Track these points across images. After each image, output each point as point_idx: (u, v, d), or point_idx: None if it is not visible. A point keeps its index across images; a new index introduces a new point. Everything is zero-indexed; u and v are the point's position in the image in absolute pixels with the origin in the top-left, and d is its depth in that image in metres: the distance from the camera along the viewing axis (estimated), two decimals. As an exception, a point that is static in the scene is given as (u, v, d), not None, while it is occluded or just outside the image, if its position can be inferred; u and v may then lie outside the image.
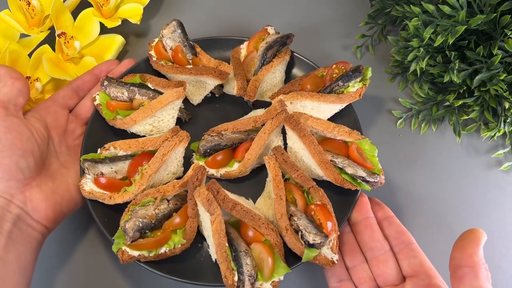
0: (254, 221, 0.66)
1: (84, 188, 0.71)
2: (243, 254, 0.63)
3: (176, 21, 0.85)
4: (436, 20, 0.73)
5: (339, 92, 0.78)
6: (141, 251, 0.66)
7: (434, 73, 0.82)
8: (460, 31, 0.71)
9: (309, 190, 0.70)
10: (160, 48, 0.85)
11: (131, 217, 0.67)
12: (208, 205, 0.64)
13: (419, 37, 0.77)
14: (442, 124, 0.88)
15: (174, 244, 0.67)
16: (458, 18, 0.71)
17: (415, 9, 0.76)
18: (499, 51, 0.73)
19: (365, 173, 0.70)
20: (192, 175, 0.70)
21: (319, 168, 0.72)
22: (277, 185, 0.69)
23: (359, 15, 0.99)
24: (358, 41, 0.96)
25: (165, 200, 0.70)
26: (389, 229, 0.70)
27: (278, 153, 0.73)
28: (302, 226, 0.66)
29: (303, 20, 1.00)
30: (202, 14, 1.01)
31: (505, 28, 0.72)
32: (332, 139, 0.75)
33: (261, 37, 0.85)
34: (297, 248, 0.66)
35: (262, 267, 0.64)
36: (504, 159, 0.85)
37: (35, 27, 0.88)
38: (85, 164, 0.71)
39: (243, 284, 0.62)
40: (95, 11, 0.89)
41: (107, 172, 0.72)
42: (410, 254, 0.67)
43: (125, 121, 0.76)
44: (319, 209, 0.68)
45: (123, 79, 0.81)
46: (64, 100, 0.78)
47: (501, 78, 0.73)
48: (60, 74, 0.83)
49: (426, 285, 0.63)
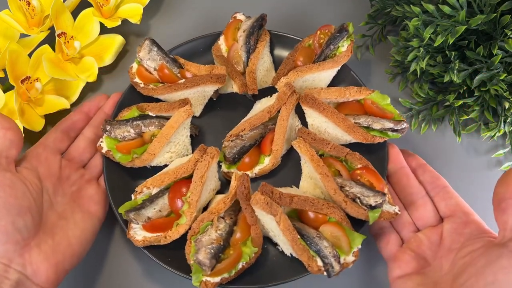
0: (315, 205, 0.68)
1: (137, 239, 0.68)
2: (317, 239, 0.65)
3: (148, 39, 0.81)
4: (436, 20, 0.73)
5: (332, 56, 0.80)
6: (222, 275, 0.65)
7: (434, 73, 0.82)
8: (460, 31, 0.71)
9: (346, 157, 0.73)
10: (143, 72, 0.81)
11: (198, 247, 0.66)
12: (269, 207, 0.64)
13: (419, 37, 0.77)
14: (442, 124, 0.88)
15: (249, 256, 0.67)
16: (458, 18, 0.71)
17: (415, 9, 0.76)
18: (499, 51, 0.73)
19: (391, 123, 0.73)
20: (238, 186, 0.69)
21: (346, 134, 0.74)
22: (317, 164, 0.70)
23: (359, 15, 0.98)
24: (358, 41, 0.96)
25: (221, 219, 0.69)
26: (424, 175, 0.74)
27: (305, 134, 0.74)
28: (357, 193, 0.68)
29: (303, 20, 1.00)
30: (202, 14, 1.01)
31: (505, 28, 0.72)
32: (346, 103, 0.77)
33: (235, 26, 0.83)
34: (360, 214, 0.68)
35: (339, 244, 0.66)
36: (504, 159, 0.85)
37: (35, 27, 0.88)
38: (131, 216, 0.67)
39: (332, 265, 0.64)
40: (95, 11, 0.89)
41: (153, 214, 0.69)
42: (446, 196, 0.70)
43: (144, 158, 0.73)
44: (364, 171, 0.71)
45: (119, 117, 0.77)
46: (54, 144, 0.73)
47: (501, 78, 0.73)
48: (60, 74, 0.83)
49: (463, 222, 0.66)
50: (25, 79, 0.82)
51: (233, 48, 0.82)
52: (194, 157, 0.71)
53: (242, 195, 0.68)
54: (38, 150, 0.71)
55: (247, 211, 0.68)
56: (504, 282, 0.54)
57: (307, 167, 0.75)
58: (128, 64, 0.95)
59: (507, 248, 0.56)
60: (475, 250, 0.61)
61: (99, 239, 0.74)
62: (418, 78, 0.89)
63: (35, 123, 0.83)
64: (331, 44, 0.79)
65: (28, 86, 0.82)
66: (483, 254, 0.58)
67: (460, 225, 0.67)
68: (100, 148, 0.75)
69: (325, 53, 0.79)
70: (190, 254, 0.66)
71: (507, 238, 0.57)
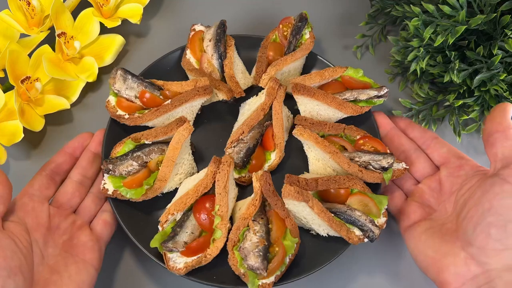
0: (338, 182, 0.72)
1: (179, 268, 0.67)
2: (349, 212, 0.69)
3: (120, 69, 0.78)
4: (436, 20, 0.73)
5: (299, 45, 0.84)
6: (275, 273, 0.67)
7: (434, 73, 0.82)
8: (460, 31, 0.71)
9: (344, 132, 0.78)
10: (124, 103, 0.78)
11: (244, 255, 0.66)
12: (301, 196, 0.66)
13: (419, 37, 0.77)
14: (442, 124, 0.88)
15: (292, 248, 0.68)
16: (458, 18, 0.71)
17: (415, 9, 0.76)
18: (499, 51, 0.73)
19: (375, 91, 0.79)
20: (263, 185, 0.69)
21: (337, 111, 0.79)
22: (323, 145, 0.74)
23: (359, 15, 0.99)
24: (358, 41, 0.96)
25: (254, 222, 0.69)
26: (413, 132, 0.81)
27: (302, 121, 0.78)
28: (368, 160, 0.73)
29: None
30: (203, 14, 1.01)
31: (505, 28, 0.72)
32: (327, 84, 0.83)
33: (199, 37, 0.84)
34: (376, 178, 0.73)
35: (369, 210, 0.70)
36: (504, 159, 0.85)
37: (35, 27, 0.88)
38: (169, 246, 0.66)
39: (371, 230, 0.68)
40: (95, 11, 0.89)
41: (188, 238, 0.68)
42: (437, 145, 0.77)
43: (157, 186, 0.72)
44: (366, 139, 0.77)
45: (114, 154, 0.74)
46: (40, 192, 0.69)
47: (501, 78, 0.73)
48: (60, 74, 0.83)
49: (457, 166, 0.72)
50: (25, 79, 0.82)
51: (203, 59, 0.83)
52: (210, 170, 0.71)
53: (269, 192, 0.69)
54: (24, 200, 0.66)
55: (277, 206, 0.69)
56: (498, 206, 0.58)
57: (312, 151, 0.79)
58: (128, 64, 0.95)
59: (499, 177, 0.60)
60: (472, 186, 0.65)
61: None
62: (418, 78, 0.89)
63: (35, 123, 0.83)
64: (296, 34, 0.84)
65: (28, 86, 0.82)
66: (479, 187, 0.63)
67: (456, 169, 0.71)
68: (105, 191, 0.71)
69: (293, 44, 0.84)
70: (238, 264, 0.66)
71: (498, 168, 0.62)
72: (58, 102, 0.85)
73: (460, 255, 0.62)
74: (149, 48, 0.96)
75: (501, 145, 0.62)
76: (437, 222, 0.68)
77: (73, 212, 0.72)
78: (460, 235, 0.63)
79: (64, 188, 0.72)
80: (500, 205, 0.58)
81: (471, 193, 0.64)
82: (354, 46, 0.95)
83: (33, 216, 0.65)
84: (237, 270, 0.67)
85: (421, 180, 0.76)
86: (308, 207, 0.66)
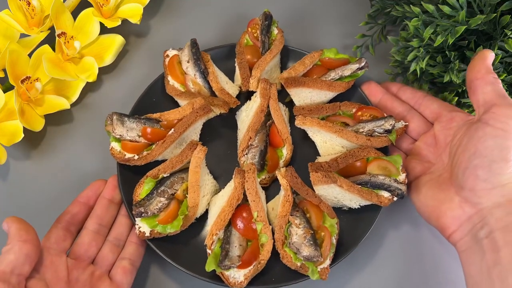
0: (355, 155, 0.76)
1: (241, 281, 0.68)
2: (373, 179, 0.73)
3: (115, 114, 0.77)
4: (436, 20, 0.73)
5: (272, 42, 0.87)
6: (329, 255, 0.70)
7: (434, 73, 0.82)
8: (460, 31, 0.71)
9: (341, 109, 0.83)
10: (129, 145, 0.77)
11: (297, 250, 0.69)
12: (328, 179, 0.70)
13: (419, 37, 0.77)
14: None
15: (335, 228, 0.72)
16: (458, 18, 0.71)
17: (415, 9, 0.76)
18: (499, 51, 0.73)
19: (356, 64, 0.83)
20: (290, 180, 0.72)
21: (328, 92, 0.83)
22: (328, 127, 0.78)
23: (359, 15, 0.99)
24: (358, 41, 0.96)
25: (293, 216, 0.71)
26: (405, 94, 0.84)
27: (301, 110, 0.82)
28: (372, 127, 0.77)
29: (303, 20, 1.00)
30: (203, 14, 1.01)
31: (505, 28, 0.72)
32: (309, 71, 0.86)
33: (176, 62, 0.85)
34: (384, 142, 0.78)
35: (388, 171, 0.74)
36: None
37: (35, 27, 0.88)
38: (227, 264, 0.67)
39: (398, 188, 0.72)
40: (95, 11, 0.89)
41: (239, 251, 0.69)
42: (428, 103, 0.80)
43: (191, 214, 0.72)
44: (364, 109, 0.81)
45: (137, 196, 0.74)
46: (57, 244, 0.68)
47: (501, 78, 0.73)
48: (60, 74, 0.83)
49: (449, 119, 0.75)
50: (25, 79, 0.82)
51: (187, 81, 0.84)
52: (237, 182, 0.72)
53: (298, 185, 0.72)
54: (41, 255, 0.65)
55: (309, 195, 0.72)
56: (482, 149, 0.63)
57: (318, 135, 0.82)
58: (128, 64, 0.95)
59: (481, 121, 0.65)
60: (461, 134, 0.69)
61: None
62: (418, 78, 0.89)
63: (35, 123, 0.83)
64: (267, 32, 0.86)
65: (28, 86, 0.82)
66: (465, 134, 0.68)
67: (447, 122, 0.75)
68: (143, 234, 0.71)
69: (266, 42, 0.86)
70: (293, 259, 0.69)
71: (480, 113, 0.66)
72: (58, 102, 0.85)
73: (455, 200, 0.67)
74: (149, 48, 0.96)
75: (481, 91, 0.66)
76: (435, 174, 0.73)
77: (91, 262, 0.71)
78: (453, 182, 0.68)
79: (81, 239, 0.71)
80: (483, 147, 0.63)
81: (460, 140, 0.68)
82: (354, 46, 0.95)
83: (52, 270, 0.65)
84: (294, 265, 0.69)
85: (417, 138, 0.80)
86: (338, 186, 0.71)
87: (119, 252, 0.74)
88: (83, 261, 0.70)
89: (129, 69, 0.95)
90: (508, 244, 0.60)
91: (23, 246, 0.59)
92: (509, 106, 0.63)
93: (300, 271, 0.69)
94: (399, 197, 0.73)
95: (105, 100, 0.92)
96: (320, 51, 0.85)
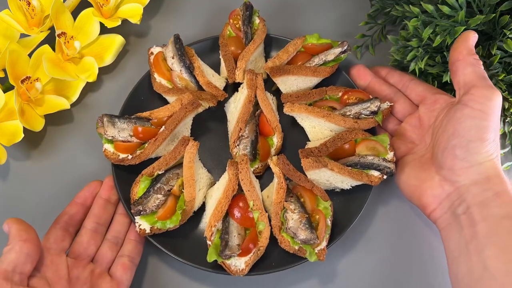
0: (343, 138, 0.77)
1: (242, 268, 0.70)
2: (362, 159, 0.75)
3: (105, 115, 0.77)
4: (435, 20, 0.73)
5: (254, 32, 0.88)
6: (325, 236, 0.72)
7: (433, 73, 0.82)
8: (459, 31, 0.71)
9: (327, 93, 0.84)
10: (122, 145, 0.77)
11: (294, 234, 0.70)
12: (319, 163, 0.72)
13: (418, 37, 0.77)
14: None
15: (329, 210, 0.74)
16: (458, 18, 0.71)
17: (414, 9, 0.76)
18: (498, 51, 0.73)
19: (339, 48, 0.84)
20: (283, 168, 0.73)
21: (314, 78, 0.84)
22: (316, 112, 0.79)
23: (359, 15, 0.99)
24: (358, 40, 0.96)
25: (287, 202, 0.73)
26: (392, 78, 0.85)
27: (289, 98, 0.83)
28: (358, 110, 0.79)
29: (303, 20, 1.00)
30: (202, 14, 1.01)
31: (504, 28, 0.72)
32: (294, 58, 0.87)
33: (161, 59, 0.85)
34: (371, 123, 0.79)
35: (376, 151, 0.76)
36: (504, 159, 0.85)
37: (35, 27, 0.88)
38: (227, 254, 0.68)
39: (386, 167, 0.74)
40: (95, 11, 0.89)
41: (238, 240, 0.70)
42: (414, 86, 0.81)
43: (188, 207, 0.73)
44: (349, 93, 0.82)
45: (134, 195, 0.75)
46: (57, 244, 0.69)
47: (500, 78, 0.73)
48: (60, 74, 0.83)
49: (433, 101, 0.76)
50: (25, 79, 0.82)
51: (173, 77, 0.84)
52: (231, 173, 0.72)
53: (290, 171, 0.73)
54: (42, 254, 0.66)
55: (301, 180, 0.74)
56: (460, 129, 0.65)
57: (306, 121, 0.83)
58: (128, 64, 0.95)
59: (460, 103, 0.66)
60: (443, 116, 0.71)
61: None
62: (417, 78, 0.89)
63: (35, 123, 0.83)
64: (249, 22, 0.87)
65: (28, 86, 0.82)
66: (445, 115, 0.70)
67: (431, 104, 0.76)
68: (143, 231, 0.72)
69: (249, 32, 0.87)
70: (290, 243, 0.71)
71: (461, 95, 0.67)
72: (58, 102, 0.85)
73: (435, 179, 0.70)
74: (149, 48, 0.96)
75: (462, 72, 0.67)
76: (418, 155, 0.75)
77: (91, 261, 0.72)
78: (433, 161, 0.70)
79: (80, 238, 0.72)
80: (461, 128, 0.65)
81: (441, 122, 0.70)
82: (354, 46, 0.95)
83: (53, 269, 0.66)
84: (292, 248, 0.71)
85: (403, 120, 0.82)
86: (329, 170, 0.73)
87: (118, 250, 0.75)
88: (82, 259, 0.71)
89: (129, 69, 0.95)
90: (484, 219, 0.62)
91: (24, 245, 0.60)
92: (488, 87, 0.65)
93: (298, 254, 0.71)
94: (388, 175, 0.75)
95: (105, 100, 0.92)
96: (302, 37, 0.86)
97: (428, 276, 0.79)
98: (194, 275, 0.78)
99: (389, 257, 0.80)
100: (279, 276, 0.77)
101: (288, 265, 0.72)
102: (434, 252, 0.80)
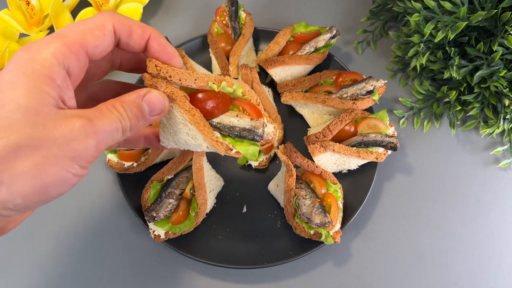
0: (344, 120, 0.78)
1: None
2: (365, 139, 0.76)
3: None
4: (437, 16, 0.73)
5: (242, 26, 0.88)
6: (338, 219, 0.73)
7: (435, 70, 0.82)
8: (461, 27, 0.71)
9: (321, 78, 0.84)
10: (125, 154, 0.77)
11: (308, 219, 0.71)
12: (324, 148, 0.74)
13: (420, 33, 0.77)
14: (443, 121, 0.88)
15: (340, 192, 0.75)
16: (459, 14, 0.71)
17: (416, 5, 0.75)
18: (500, 47, 0.72)
19: (328, 34, 0.85)
20: (290, 155, 0.75)
21: (307, 66, 0.85)
22: (314, 98, 0.81)
23: (361, 11, 0.98)
24: (360, 36, 0.96)
25: (298, 189, 0.74)
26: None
27: (284, 87, 0.84)
28: (354, 91, 0.80)
29: (305, 16, 1.00)
30: (202, 14, 1.00)
31: (505, 24, 0.71)
32: (284, 48, 0.87)
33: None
34: (369, 103, 0.80)
35: (378, 128, 0.77)
36: (502, 157, 0.84)
37: (35, 27, 0.88)
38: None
39: (390, 142, 0.75)
40: (95, 11, 0.89)
41: None
42: None
43: (201, 210, 0.73)
44: (343, 75, 0.82)
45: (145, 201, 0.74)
46: None
47: (501, 74, 0.73)
48: (61, 74, 0.83)
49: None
50: (26, 80, 0.82)
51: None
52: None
53: (298, 158, 0.76)
54: None
55: (309, 166, 0.75)
56: None
57: (305, 108, 0.85)
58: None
59: None
60: None
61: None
62: (418, 74, 0.89)
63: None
64: (236, 18, 0.88)
65: (29, 87, 0.82)
66: None
67: None
68: (158, 238, 0.72)
69: (237, 27, 0.87)
70: (306, 229, 0.72)
71: None
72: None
73: None
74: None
75: None
76: None
77: None
78: None
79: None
80: None
81: None
82: (356, 41, 0.95)
83: None
84: (307, 234, 0.72)
85: None
86: (336, 153, 0.75)
87: None
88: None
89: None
90: None
91: None
92: None
93: (314, 238, 0.72)
94: (392, 150, 0.76)
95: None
96: (290, 27, 0.87)
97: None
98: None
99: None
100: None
101: (305, 252, 0.72)
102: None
